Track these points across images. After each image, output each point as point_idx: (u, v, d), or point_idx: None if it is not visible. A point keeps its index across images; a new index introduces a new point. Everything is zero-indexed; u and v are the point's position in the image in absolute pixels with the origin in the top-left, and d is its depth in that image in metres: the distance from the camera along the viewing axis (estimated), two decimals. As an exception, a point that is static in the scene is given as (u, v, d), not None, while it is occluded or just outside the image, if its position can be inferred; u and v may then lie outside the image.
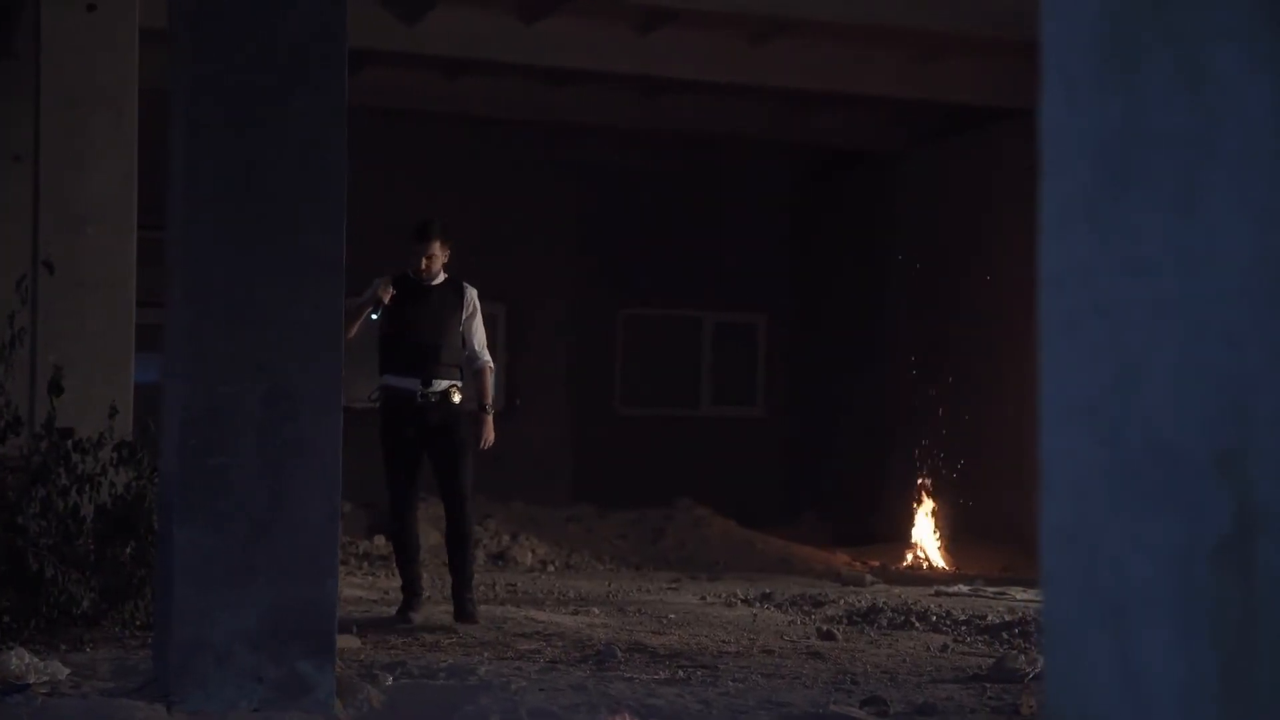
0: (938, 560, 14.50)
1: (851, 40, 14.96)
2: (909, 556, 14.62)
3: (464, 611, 9.01)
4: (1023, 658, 7.44)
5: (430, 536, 13.86)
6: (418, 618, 8.94)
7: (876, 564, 14.25)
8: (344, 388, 6.02)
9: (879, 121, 17.83)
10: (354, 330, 8.65)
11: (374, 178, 14.86)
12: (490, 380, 9.34)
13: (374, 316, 9.06)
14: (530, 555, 13.36)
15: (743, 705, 6.34)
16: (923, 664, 7.89)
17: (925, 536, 14.80)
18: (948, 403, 17.05)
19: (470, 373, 9.31)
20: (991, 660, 7.71)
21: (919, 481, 15.41)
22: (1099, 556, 1.72)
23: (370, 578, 11.89)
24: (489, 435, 9.23)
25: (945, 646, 8.63)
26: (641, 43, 14.74)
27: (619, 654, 7.67)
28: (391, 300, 9.02)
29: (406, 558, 9.16)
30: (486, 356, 9.35)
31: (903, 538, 15.17)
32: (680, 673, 7.18)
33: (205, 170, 5.93)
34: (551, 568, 13.17)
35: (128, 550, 8.20)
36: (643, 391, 19.17)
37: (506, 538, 13.77)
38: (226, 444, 5.90)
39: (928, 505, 15.05)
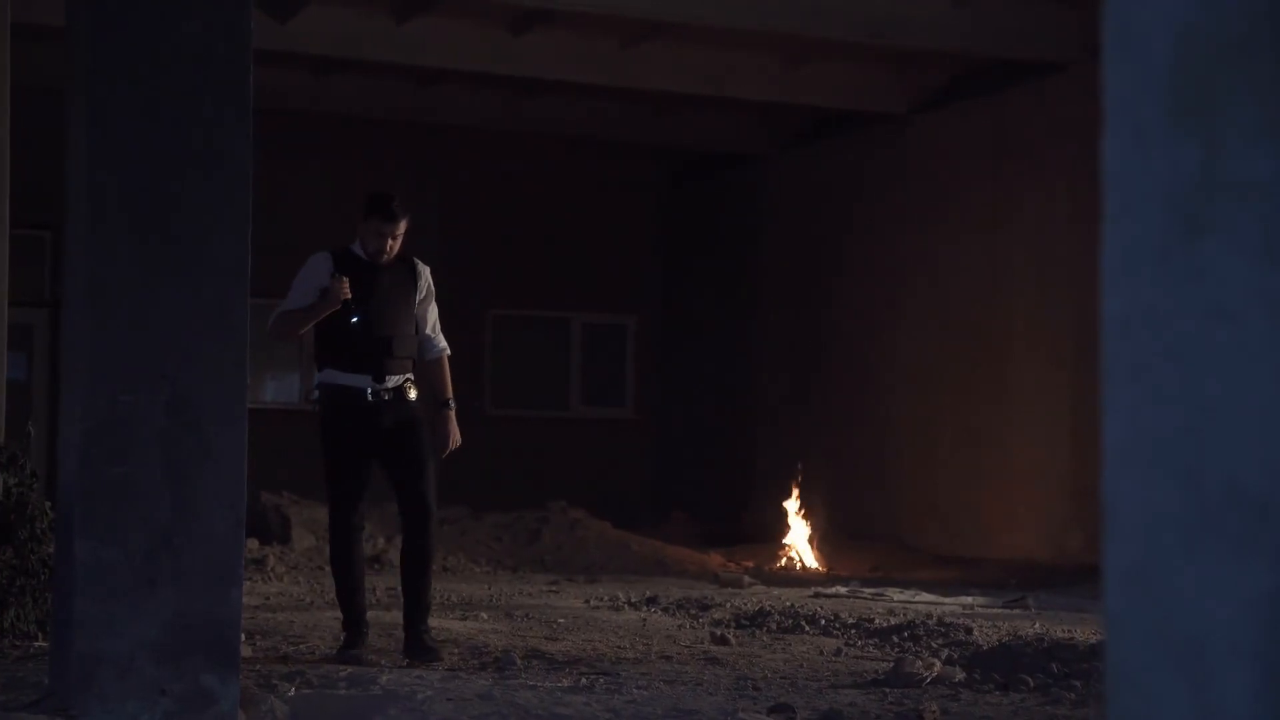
0: (810, 561, 14.61)
1: (721, 44, 15.07)
2: (782, 558, 14.72)
3: (420, 647, 7.69)
4: (919, 662, 7.49)
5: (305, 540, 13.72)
6: (364, 656, 7.66)
7: (750, 565, 14.33)
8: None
9: (747, 124, 17.97)
10: (303, 330, 7.86)
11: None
12: (448, 370, 8.07)
13: (354, 321, 7.70)
14: (406, 558, 13.21)
15: (651, 713, 6.33)
16: (820, 668, 7.92)
17: (797, 537, 14.90)
18: (815, 403, 17.19)
19: (426, 362, 8.01)
20: (887, 664, 7.76)
21: (789, 482, 15.52)
22: (1173, 599, 1.73)
23: (249, 582, 11.73)
24: (455, 434, 7.98)
25: (839, 650, 8.68)
26: (514, 44, 14.73)
27: (518, 661, 7.63)
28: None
29: (350, 587, 7.80)
30: (443, 343, 8.05)
31: (773, 538, 15.27)
32: (583, 680, 7.16)
33: (108, 174, 5.81)
34: (427, 571, 13.07)
35: (7, 557, 8.04)
36: (512, 392, 19.12)
37: (381, 540, 13.65)
38: (128, 453, 5.79)
39: (797, 505, 15.15)
